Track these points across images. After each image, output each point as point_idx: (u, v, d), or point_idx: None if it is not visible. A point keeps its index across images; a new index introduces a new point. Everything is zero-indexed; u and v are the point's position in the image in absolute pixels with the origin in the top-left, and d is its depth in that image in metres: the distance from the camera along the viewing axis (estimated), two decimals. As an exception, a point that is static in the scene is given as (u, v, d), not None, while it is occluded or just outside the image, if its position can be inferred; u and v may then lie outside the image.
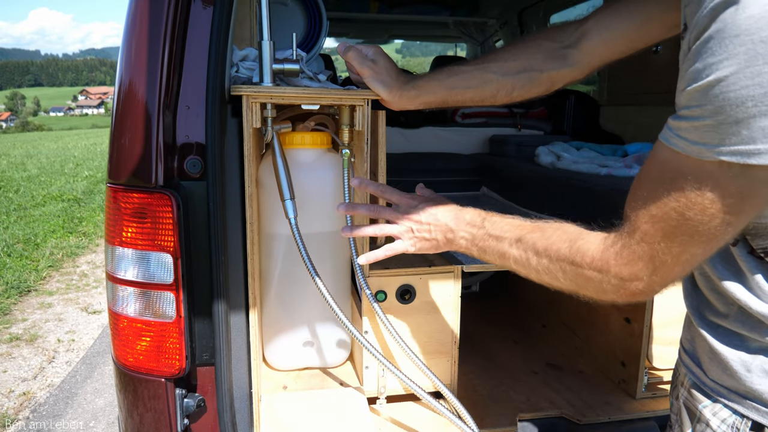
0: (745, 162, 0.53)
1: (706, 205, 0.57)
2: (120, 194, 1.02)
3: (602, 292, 0.74)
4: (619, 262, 0.69)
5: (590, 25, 1.04)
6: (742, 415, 0.69)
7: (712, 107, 0.52)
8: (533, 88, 1.11)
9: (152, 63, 0.99)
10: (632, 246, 0.66)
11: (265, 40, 1.10)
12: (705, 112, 0.53)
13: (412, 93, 1.13)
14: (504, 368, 1.63)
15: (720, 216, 0.57)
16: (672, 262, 0.64)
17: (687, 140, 0.57)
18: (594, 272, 0.72)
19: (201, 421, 1.10)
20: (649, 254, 0.65)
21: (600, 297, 0.75)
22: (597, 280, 0.73)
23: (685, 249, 0.62)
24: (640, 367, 1.43)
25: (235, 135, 1.11)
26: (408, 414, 1.32)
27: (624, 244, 0.68)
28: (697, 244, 0.61)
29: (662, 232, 0.62)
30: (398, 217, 1.03)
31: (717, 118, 0.52)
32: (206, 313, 1.07)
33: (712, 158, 0.55)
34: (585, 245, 0.74)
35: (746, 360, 0.68)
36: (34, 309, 4.00)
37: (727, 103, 0.51)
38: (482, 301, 2.17)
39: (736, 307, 0.70)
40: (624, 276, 0.69)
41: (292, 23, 1.75)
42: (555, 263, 0.78)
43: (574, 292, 0.79)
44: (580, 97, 2.95)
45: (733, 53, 0.50)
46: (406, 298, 1.30)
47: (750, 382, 0.67)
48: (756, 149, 0.52)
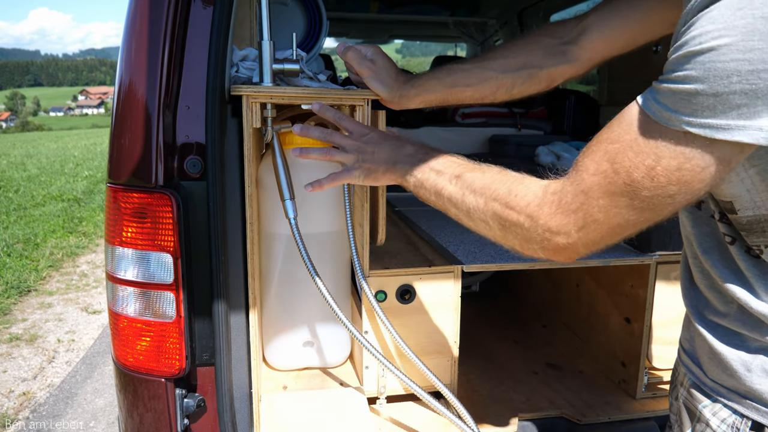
0: (712, 136, 0.53)
1: (657, 171, 0.57)
2: (120, 194, 1.02)
3: (527, 241, 0.72)
4: (552, 211, 0.68)
5: (590, 21, 1.04)
6: (742, 415, 0.69)
7: (696, 74, 0.52)
8: (533, 85, 1.11)
9: (152, 63, 0.99)
10: (569, 196, 0.66)
11: (265, 40, 1.10)
12: (687, 78, 0.53)
13: (411, 92, 1.13)
14: (504, 368, 1.63)
15: (666, 186, 0.57)
16: (603, 222, 0.64)
17: (661, 105, 0.57)
18: (524, 218, 0.71)
19: (201, 421, 1.10)
20: (584, 208, 0.64)
21: (523, 248, 0.74)
22: (525, 228, 0.71)
23: (620, 211, 0.62)
24: (640, 367, 1.43)
25: (235, 135, 1.11)
26: (408, 414, 1.32)
27: (563, 193, 0.67)
28: (634, 210, 0.61)
29: (606, 188, 0.62)
30: (347, 143, 1.03)
31: (697, 85, 0.52)
32: (206, 313, 1.07)
33: (678, 128, 0.55)
34: (523, 189, 0.73)
35: (746, 360, 0.68)
36: (34, 309, 4.00)
37: (712, 73, 0.51)
38: (482, 301, 2.17)
39: (735, 305, 0.69)
40: (552, 227, 0.68)
41: (292, 23, 1.75)
42: (488, 204, 0.76)
43: (500, 240, 0.78)
44: (580, 97, 2.95)
45: (732, 24, 0.50)
46: (406, 298, 1.30)
47: (750, 381, 0.67)
48: (726, 124, 0.52)
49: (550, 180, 0.71)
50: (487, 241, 1.50)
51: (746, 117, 0.52)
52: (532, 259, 1.35)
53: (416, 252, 1.44)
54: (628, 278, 1.47)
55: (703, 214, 0.73)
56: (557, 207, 0.67)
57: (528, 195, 0.71)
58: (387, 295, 1.29)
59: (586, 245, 0.68)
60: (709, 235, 0.72)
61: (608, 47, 1.04)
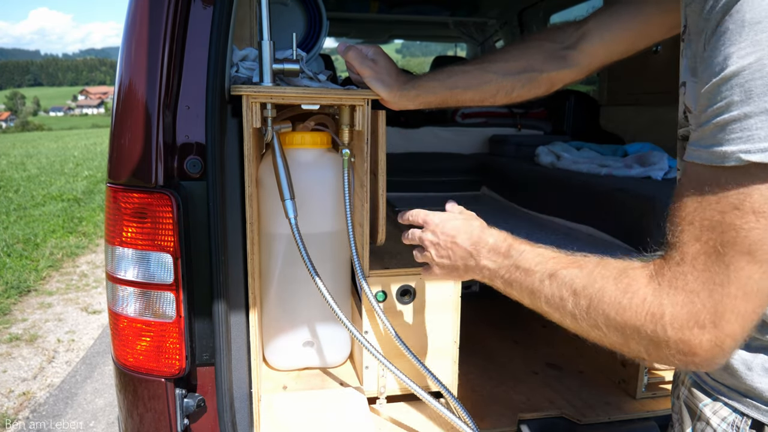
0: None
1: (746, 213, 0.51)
2: (120, 194, 1.02)
3: (655, 346, 0.59)
4: (673, 300, 0.57)
5: (590, 26, 1.04)
6: (742, 414, 0.69)
7: (738, 98, 0.50)
8: (533, 89, 1.11)
9: (152, 63, 0.99)
10: (684, 276, 0.56)
11: (265, 40, 1.10)
12: (731, 105, 0.50)
13: (412, 93, 1.14)
14: (504, 368, 1.63)
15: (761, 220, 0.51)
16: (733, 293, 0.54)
17: (712, 147, 0.53)
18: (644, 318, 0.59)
19: (201, 421, 1.10)
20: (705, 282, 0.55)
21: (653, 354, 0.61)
22: (649, 329, 0.59)
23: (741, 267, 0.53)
24: (640, 367, 1.43)
25: (235, 135, 1.11)
26: (408, 414, 1.32)
27: (673, 273, 0.57)
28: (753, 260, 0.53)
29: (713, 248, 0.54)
30: (421, 240, 0.96)
31: (744, 109, 0.50)
32: (206, 313, 1.07)
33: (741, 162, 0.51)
34: (633, 283, 0.61)
35: (747, 358, 0.68)
36: (34, 309, 4.00)
37: (755, 91, 0.49)
38: (482, 301, 2.16)
39: None
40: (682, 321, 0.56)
41: (292, 23, 1.75)
42: (597, 307, 0.64)
43: (622, 349, 0.65)
44: (580, 97, 2.96)
45: (755, 40, 0.49)
46: (406, 298, 1.30)
47: (751, 380, 0.67)
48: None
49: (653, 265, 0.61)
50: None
51: None
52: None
53: (416, 252, 1.44)
54: (628, 278, 1.46)
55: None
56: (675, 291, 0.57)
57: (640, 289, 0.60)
58: (387, 295, 1.29)
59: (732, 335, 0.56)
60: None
61: (608, 52, 1.04)
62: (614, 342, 0.65)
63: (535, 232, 1.85)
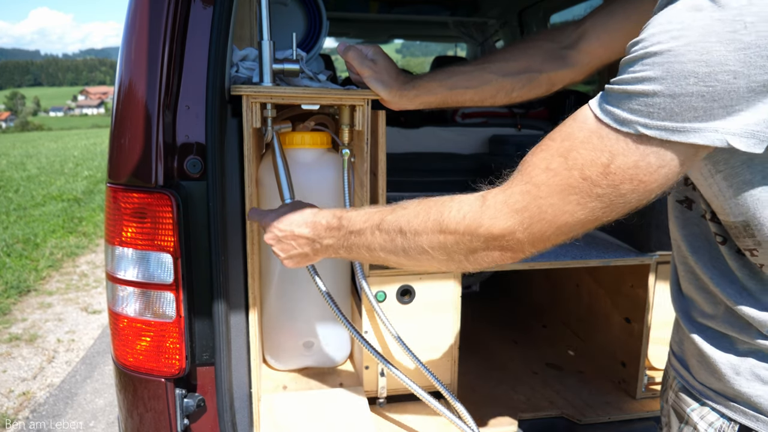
0: (667, 138, 0.53)
1: (611, 169, 0.57)
2: (120, 194, 1.02)
3: (472, 253, 0.69)
4: (494, 214, 0.65)
5: (588, 26, 1.04)
6: (729, 419, 0.69)
7: (654, 74, 0.52)
8: (533, 89, 1.11)
9: (152, 63, 0.99)
10: (517, 196, 0.64)
11: (265, 40, 1.10)
12: (645, 78, 0.53)
13: (411, 93, 1.13)
14: (504, 368, 1.63)
15: (620, 185, 0.57)
16: (551, 220, 0.62)
17: (616, 107, 0.56)
18: (463, 233, 0.68)
19: (201, 421, 1.10)
20: (531, 207, 0.63)
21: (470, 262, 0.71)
22: (466, 242, 0.69)
23: (570, 209, 0.61)
24: (640, 367, 1.43)
25: (235, 135, 1.11)
26: (408, 414, 1.32)
27: (508, 194, 0.65)
28: (584, 208, 0.60)
29: (557, 185, 0.60)
30: (267, 237, 0.99)
31: (655, 86, 0.52)
32: (206, 313, 1.07)
33: (634, 131, 0.55)
34: (456, 206, 0.70)
35: (735, 363, 0.68)
36: (34, 309, 4.00)
37: (670, 74, 0.51)
38: (482, 301, 2.17)
39: (723, 307, 0.70)
40: (495, 232, 0.65)
41: (292, 23, 1.75)
42: (421, 234, 0.73)
43: (446, 265, 0.74)
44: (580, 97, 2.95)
45: (690, 25, 0.50)
46: (406, 298, 1.30)
47: (738, 385, 0.67)
48: (682, 127, 0.52)
49: (487, 189, 0.69)
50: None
51: (701, 119, 0.52)
52: (532, 259, 1.35)
53: (416, 252, 1.44)
54: (628, 278, 1.47)
55: (694, 214, 0.73)
56: (501, 209, 0.65)
57: (463, 209, 0.69)
58: (387, 295, 1.29)
59: (533, 244, 0.65)
60: (699, 236, 0.72)
61: (607, 51, 1.04)
62: (441, 261, 0.73)
63: (535, 232, 1.85)
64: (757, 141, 0.52)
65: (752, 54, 0.49)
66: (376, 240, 0.80)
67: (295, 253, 0.95)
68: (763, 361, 0.66)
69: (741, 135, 0.52)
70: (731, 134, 0.52)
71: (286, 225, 0.94)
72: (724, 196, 0.62)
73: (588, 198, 0.59)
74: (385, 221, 0.78)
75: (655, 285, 1.39)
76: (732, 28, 0.49)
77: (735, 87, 0.50)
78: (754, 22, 0.48)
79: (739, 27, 0.48)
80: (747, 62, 0.49)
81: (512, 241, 0.66)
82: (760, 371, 0.66)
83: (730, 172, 0.60)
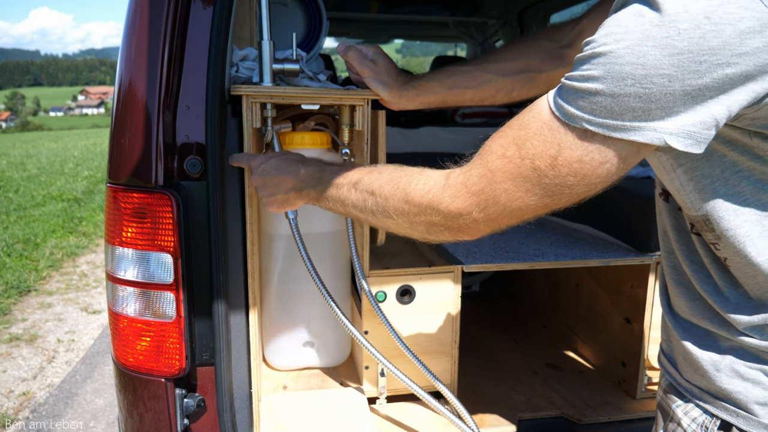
0: (609, 135, 0.56)
1: (559, 161, 0.60)
2: (120, 194, 1.02)
3: (432, 226, 0.75)
4: (454, 193, 0.70)
5: (584, 24, 1.04)
6: (711, 414, 0.70)
7: (597, 74, 0.55)
8: (532, 89, 1.11)
9: (152, 63, 0.99)
10: (475, 178, 0.68)
11: (265, 40, 1.10)
12: (590, 77, 0.56)
13: (411, 93, 1.14)
14: (504, 368, 1.63)
15: (566, 176, 0.60)
16: (504, 204, 0.66)
17: (565, 102, 0.59)
18: (426, 206, 0.73)
19: (201, 421, 1.10)
20: (487, 191, 0.67)
21: (430, 234, 0.77)
22: (427, 215, 0.74)
23: (521, 195, 0.64)
24: (640, 367, 1.43)
25: (235, 135, 1.11)
26: (408, 414, 1.32)
27: (468, 175, 0.69)
28: (534, 195, 0.64)
29: (510, 172, 0.64)
30: (253, 178, 1.03)
31: (597, 85, 0.55)
32: (206, 313, 1.07)
33: (579, 125, 0.57)
34: (423, 179, 0.75)
35: (716, 360, 0.69)
36: (34, 309, 4.00)
37: (611, 74, 0.54)
38: (482, 301, 2.17)
39: (702, 303, 0.71)
40: (453, 210, 0.70)
41: (292, 23, 1.75)
42: (389, 201, 0.79)
43: (408, 232, 0.80)
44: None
45: (632, 29, 0.53)
46: (406, 298, 1.30)
47: (719, 381, 0.69)
48: (622, 125, 0.55)
49: (452, 168, 0.73)
50: (486, 241, 1.50)
51: (641, 119, 0.54)
52: (532, 259, 1.35)
53: (416, 252, 1.44)
54: (628, 278, 1.47)
55: (671, 206, 0.74)
56: (460, 189, 0.70)
57: (428, 184, 0.74)
58: (387, 295, 1.29)
59: (488, 224, 0.70)
60: (677, 228, 0.74)
61: None
62: (404, 228, 0.80)
63: (534, 231, 1.85)
64: (694, 141, 0.54)
65: (685, 59, 0.51)
66: (350, 197, 0.86)
67: (278, 196, 1.00)
68: (741, 358, 0.67)
69: (678, 135, 0.54)
70: (669, 134, 0.54)
71: (273, 168, 0.99)
72: (685, 189, 0.64)
73: (537, 187, 0.63)
74: (362, 181, 0.84)
75: (655, 285, 1.39)
76: (666, 34, 0.51)
77: (670, 90, 0.52)
78: (687, 29, 0.50)
79: (674, 33, 0.51)
80: (681, 67, 0.51)
81: (468, 220, 0.70)
82: (740, 368, 0.67)
83: (690, 166, 0.62)
